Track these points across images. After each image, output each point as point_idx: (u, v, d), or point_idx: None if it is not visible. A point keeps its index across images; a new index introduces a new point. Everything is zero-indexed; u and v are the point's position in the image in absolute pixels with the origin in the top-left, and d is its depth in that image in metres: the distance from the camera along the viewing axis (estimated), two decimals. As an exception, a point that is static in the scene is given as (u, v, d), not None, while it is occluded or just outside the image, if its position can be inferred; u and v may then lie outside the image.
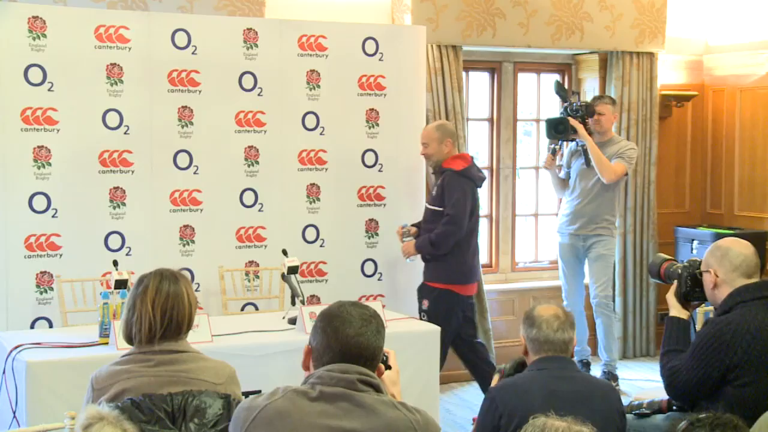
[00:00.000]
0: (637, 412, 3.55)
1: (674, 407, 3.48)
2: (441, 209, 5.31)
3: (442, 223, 5.28)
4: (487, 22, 6.41)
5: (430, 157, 5.42)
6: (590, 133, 6.06)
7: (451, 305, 5.33)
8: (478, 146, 6.98)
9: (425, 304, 5.35)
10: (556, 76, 7.08)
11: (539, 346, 3.02)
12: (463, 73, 6.45)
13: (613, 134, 6.21)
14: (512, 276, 6.99)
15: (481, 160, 7.00)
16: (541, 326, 3.02)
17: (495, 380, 3.23)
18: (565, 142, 6.23)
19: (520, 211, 7.08)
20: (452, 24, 6.28)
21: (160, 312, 2.82)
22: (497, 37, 6.45)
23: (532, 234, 7.18)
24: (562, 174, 6.31)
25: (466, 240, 5.37)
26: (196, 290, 4.91)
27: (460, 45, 6.33)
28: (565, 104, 6.16)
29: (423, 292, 5.41)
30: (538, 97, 7.12)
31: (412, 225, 5.52)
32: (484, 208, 6.96)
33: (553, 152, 6.21)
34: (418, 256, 5.43)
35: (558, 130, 6.08)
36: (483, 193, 6.95)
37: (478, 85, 6.93)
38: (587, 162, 6.04)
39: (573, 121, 6.01)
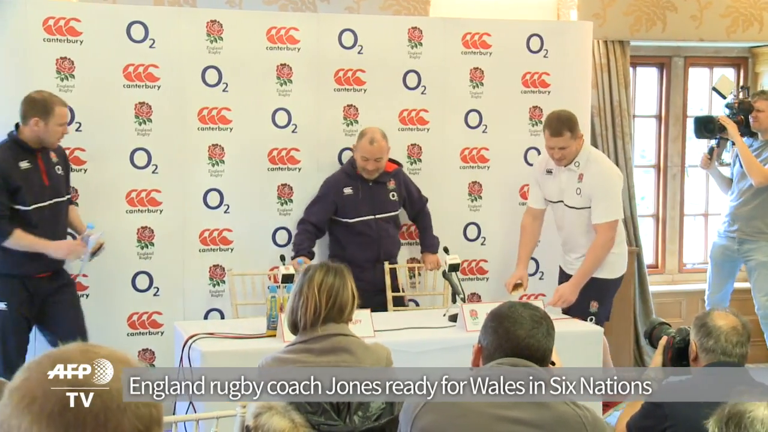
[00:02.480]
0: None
1: None
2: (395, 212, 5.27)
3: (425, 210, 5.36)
4: (657, 16, 6.21)
5: (381, 169, 5.18)
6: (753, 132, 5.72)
7: None
8: (644, 144, 6.78)
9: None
10: (731, 71, 6.77)
11: (714, 358, 2.89)
12: (630, 69, 6.29)
13: None
14: (679, 277, 6.74)
15: (648, 158, 6.80)
16: (719, 338, 2.88)
17: (662, 342, 3.13)
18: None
19: (688, 210, 6.82)
20: (620, 19, 6.12)
21: (326, 296, 2.94)
22: (667, 31, 6.24)
23: (701, 234, 6.91)
24: (731, 174, 5.99)
25: None
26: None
27: (627, 40, 6.16)
28: (725, 101, 5.86)
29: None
30: (709, 93, 6.82)
31: (303, 255, 5.04)
32: (650, 208, 6.76)
33: (710, 152, 5.89)
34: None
35: (707, 128, 5.76)
36: (649, 191, 6.76)
37: (645, 81, 6.73)
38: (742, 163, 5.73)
39: (723, 119, 5.70)
